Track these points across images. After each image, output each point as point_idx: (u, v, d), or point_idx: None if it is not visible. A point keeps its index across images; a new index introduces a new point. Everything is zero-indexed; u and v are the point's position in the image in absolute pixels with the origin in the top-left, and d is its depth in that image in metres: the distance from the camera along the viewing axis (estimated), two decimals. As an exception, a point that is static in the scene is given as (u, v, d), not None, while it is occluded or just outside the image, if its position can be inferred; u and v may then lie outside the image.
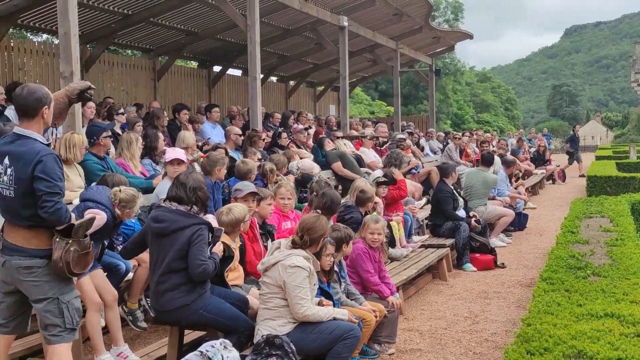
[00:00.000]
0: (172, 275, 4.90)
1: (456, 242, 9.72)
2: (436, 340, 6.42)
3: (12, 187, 4.03)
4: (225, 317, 5.02)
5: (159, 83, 16.19)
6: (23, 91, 4.10)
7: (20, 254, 4.07)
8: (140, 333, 6.43)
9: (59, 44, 8.01)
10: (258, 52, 11.38)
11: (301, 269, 4.81)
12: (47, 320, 4.13)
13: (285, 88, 22.75)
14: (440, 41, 22.30)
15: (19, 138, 4.09)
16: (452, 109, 53.89)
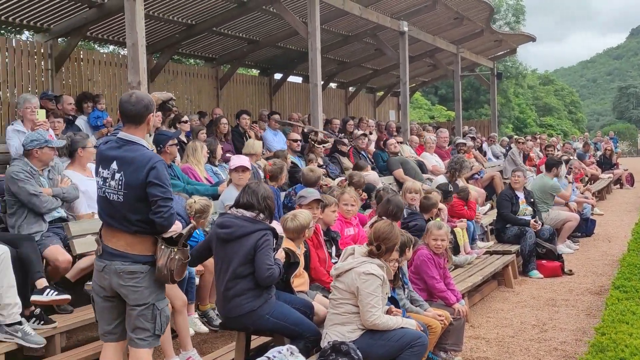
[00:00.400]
0: (239, 281, 4.93)
1: (522, 249, 9.56)
2: (503, 348, 6.32)
3: (122, 192, 4.09)
4: (291, 322, 5.04)
5: (221, 91, 16.43)
6: (130, 98, 4.17)
7: (123, 259, 4.12)
8: (207, 338, 6.53)
9: (127, 55, 8.22)
10: (319, 59, 11.44)
11: (375, 277, 4.81)
12: (139, 323, 4.19)
13: (345, 94, 22.79)
14: (502, 44, 21.97)
15: (126, 144, 4.16)
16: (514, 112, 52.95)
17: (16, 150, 7.34)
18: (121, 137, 4.21)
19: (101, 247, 4.19)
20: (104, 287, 4.22)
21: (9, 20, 11.15)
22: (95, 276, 4.27)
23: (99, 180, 4.21)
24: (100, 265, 4.19)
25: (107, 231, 4.21)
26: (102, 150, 4.25)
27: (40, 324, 5.62)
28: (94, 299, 4.32)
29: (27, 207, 6.15)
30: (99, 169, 4.21)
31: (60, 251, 6.10)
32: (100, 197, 4.23)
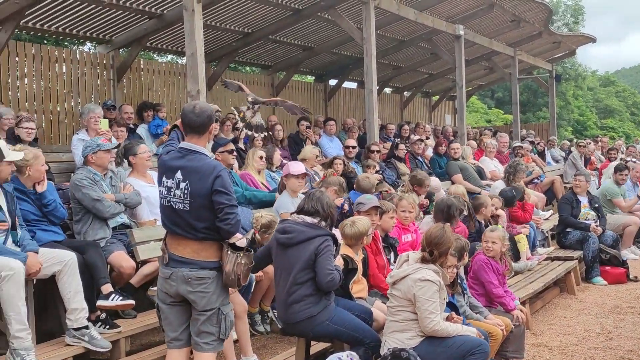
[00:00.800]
0: (298, 287, 4.96)
1: (585, 254, 9.36)
2: (567, 357, 6.20)
3: (187, 201, 4.17)
4: (350, 328, 5.04)
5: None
6: (194, 109, 4.26)
7: (191, 266, 4.19)
8: (267, 343, 6.60)
9: (186, 64, 8.37)
10: (374, 65, 11.44)
11: (432, 282, 4.78)
12: (205, 328, 4.27)
13: (400, 99, 22.69)
14: (561, 46, 21.54)
15: (189, 153, 4.25)
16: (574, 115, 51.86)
17: (80, 158, 7.56)
18: (184, 147, 4.29)
19: (167, 255, 4.26)
20: (170, 294, 4.29)
21: (72, 32, 11.49)
22: (160, 284, 4.34)
23: (162, 190, 4.28)
24: (167, 272, 4.25)
25: (173, 239, 4.28)
26: (166, 160, 4.31)
27: (105, 328, 5.78)
28: (159, 307, 4.39)
29: (92, 213, 6.32)
30: (163, 179, 4.28)
31: (124, 257, 6.25)
32: (164, 206, 4.30)
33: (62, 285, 5.50)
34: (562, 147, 19.36)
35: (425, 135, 15.22)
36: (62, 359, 5.32)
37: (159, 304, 4.39)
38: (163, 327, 4.43)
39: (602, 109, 59.36)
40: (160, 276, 4.33)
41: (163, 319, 4.39)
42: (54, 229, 6.05)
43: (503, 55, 19.34)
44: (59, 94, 11.37)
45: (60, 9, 10.46)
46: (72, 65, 11.52)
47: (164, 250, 4.30)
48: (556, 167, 16.71)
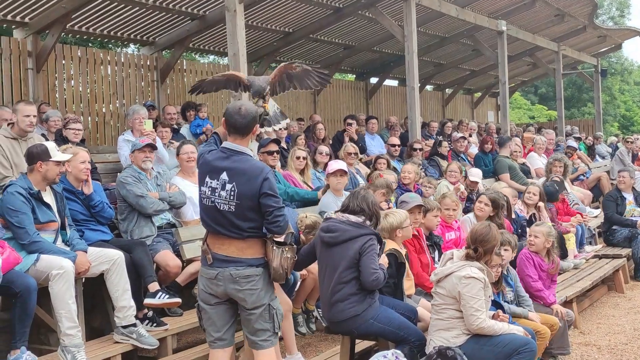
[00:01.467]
0: (343, 285, 4.96)
1: (633, 252, 9.18)
2: (616, 356, 6.09)
3: (233, 202, 4.17)
4: (395, 327, 5.02)
5: (318, 97, 16.60)
6: (240, 111, 4.26)
7: (237, 264, 4.20)
8: (311, 342, 6.61)
9: (228, 64, 8.44)
10: (416, 62, 11.37)
11: (477, 280, 4.74)
12: (259, 325, 4.28)
13: (442, 96, 22.53)
14: (606, 40, 21.14)
15: (233, 154, 4.26)
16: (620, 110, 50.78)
17: (126, 159, 7.70)
18: (227, 147, 4.29)
19: (210, 255, 4.25)
20: (215, 294, 4.28)
21: (117, 35, 11.69)
22: (203, 285, 4.31)
23: (205, 190, 4.26)
24: (212, 273, 4.24)
25: (215, 239, 4.28)
26: (210, 160, 4.30)
27: (153, 326, 5.87)
28: (201, 308, 4.37)
29: (137, 211, 6.44)
30: (206, 179, 4.26)
31: (170, 256, 6.34)
32: (207, 207, 4.28)
33: (110, 283, 5.60)
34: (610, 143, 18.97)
35: (469, 132, 15.07)
36: (111, 356, 5.42)
37: (201, 304, 4.37)
38: (204, 328, 4.41)
39: (649, 103, 58.03)
40: (203, 277, 4.31)
41: (206, 319, 4.38)
42: (102, 229, 6.17)
43: (546, 50, 19.07)
44: (105, 96, 11.59)
45: (105, 12, 10.65)
46: (116, 67, 11.72)
47: (206, 250, 4.28)
48: (602, 164, 16.39)
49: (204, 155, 4.37)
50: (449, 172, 9.38)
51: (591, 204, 12.26)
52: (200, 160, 4.40)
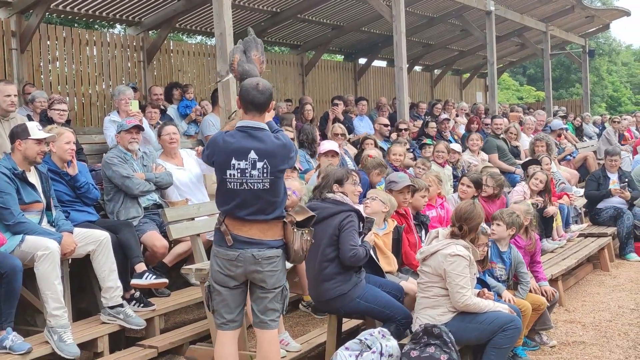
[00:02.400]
0: (327, 264, 5.01)
1: (619, 231, 9.24)
2: (600, 332, 6.15)
3: (268, 179, 4.14)
4: (381, 305, 5.07)
5: (306, 78, 16.53)
6: (258, 86, 4.19)
7: (259, 246, 4.17)
8: (300, 320, 6.64)
9: (215, 45, 8.38)
10: (404, 43, 11.34)
11: (462, 257, 4.77)
12: (272, 305, 4.29)
13: (431, 77, 22.49)
14: (594, 20, 21.11)
15: (255, 131, 4.19)
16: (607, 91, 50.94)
17: (112, 140, 7.66)
18: (247, 126, 4.20)
19: (230, 237, 4.19)
20: (233, 276, 4.23)
21: (102, 14, 11.57)
22: (220, 266, 4.23)
23: (234, 173, 4.14)
24: (232, 254, 4.18)
25: (236, 221, 4.20)
26: (231, 142, 4.17)
27: (140, 306, 5.88)
28: (214, 289, 4.29)
29: (123, 192, 6.43)
30: (232, 162, 4.14)
31: (157, 237, 6.34)
32: (235, 190, 4.16)
33: (97, 264, 5.59)
34: (595, 123, 19.06)
35: (456, 112, 15.08)
36: (97, 337, 5.43)
37: (215, 286, 4.29)
38: (215, 309, 4.34)
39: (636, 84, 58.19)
40: (221, 258, 4.23)
41: (219, 301, 4.30)
42: (88, 210, 6.15)
43: (535, 30, 19.05)
44: (90, 77, 11.49)
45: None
46: (102, 47, 11.61)
47: (226, 232, 4.20)
48: (589, 144, 16.47)
49: (223, 137, 4.23)
50: (436, 152, 9.41)
51: (578, 183, 12.32)
52: (217, 144, 4.22)
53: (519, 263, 5.96)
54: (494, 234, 5.99)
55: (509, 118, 14.44)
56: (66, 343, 5.04)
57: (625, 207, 9.47)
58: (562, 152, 13.36)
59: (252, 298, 4.34)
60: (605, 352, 5.62)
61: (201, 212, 6.15)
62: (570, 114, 19.90)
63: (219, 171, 4.23)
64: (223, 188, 4.22)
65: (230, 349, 4.33)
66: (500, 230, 5.95)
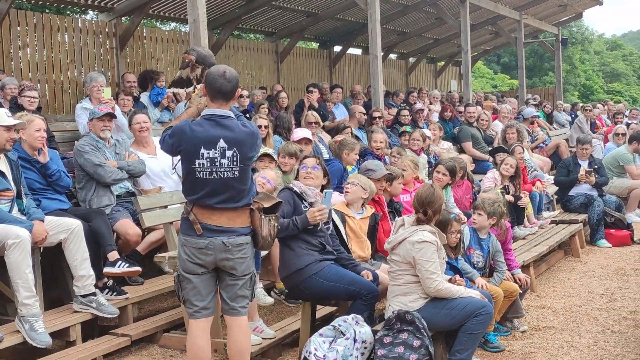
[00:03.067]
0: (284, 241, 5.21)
1: (590, 218, 9.37)
2: (570, 317, 6.24)
3: (237, 167, 4.15)
4: (345, 282, 5.11)
5: (281, 65, 16.47)
6: (225, 74, 4.17)
7: (229, 234, 4.18)
8: (274, 308, 6.65)
9: (189, 32, 8.31)
10: (378, 30, 11.35)
11: (429, 243, 4.81)
12: (242, 292, 4.32)
13: (406, 65, 22.53)
14: (567, 9, 21.29)
15: (222, 119, 4.17)
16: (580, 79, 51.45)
17: (84, 127, 7.58)
18: (214, 114, 4.18)
19: (199, 226, 4.17)
20: (203, 264, 4.22)
21: (74, 0, 11.42)
22: (189, 255, 4.21)
23: (203, 162, 4.11)
24: (202, 242, 4.16)
25: (205, 209, 4.19)
26: (198, 131, 4.13)
27: (113, 295, 5.85)
28: (184, 278, 4.27)
29: (95, 180, 6.37)
30: (201, 151, 4.11)
31: (130, 225, 6.30)
32: (205, 179, 4.14)
33: (69, 253, 5.55)
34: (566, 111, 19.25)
35: (430, 100, 15.13)
36: (70, 325, 5.39)
37: (185, 275, 4.26)
38: (186, 298, 4.31)
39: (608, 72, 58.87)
40: (191, 247, 4.20)
41: (190, 289, 4.27)
42: (60, 198, 6.09)
43: (509, 19, 19.16)
44: (62, 63, 11.33)
45: (61, -23, 10.39)
46: (74, 34, 11.45)
47: (195, 221, 4.17)
48: (562, 131, 16.63)
49: (190, 127, 4.16)
50: (412, 140, 9.45)
51: (550, 171, 12.46)
52: (184, 134, 4.16)
53: (496, 252, 6.06)
54: (475, 223, 6.09)
55: (483, 106, 14.53)
56: (38, 332, 5.01)
57: (596, 194, 9.59)
58: (535, 140, 13.49)
59: (222, 286, 4.35)
60: (575, 337, 5.71)
61: (174, 200, 6.13)
62: (543, 102, 20.07)
63: (187, 161, 4.18)
64: (191, 177, 4.18)
65: (204, 337, 4.32)
66: (481, 220, 6.05)
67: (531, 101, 18.29)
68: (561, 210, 10.04)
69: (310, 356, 4.67)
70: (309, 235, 5.21)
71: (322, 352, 4.68)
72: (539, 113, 16.19)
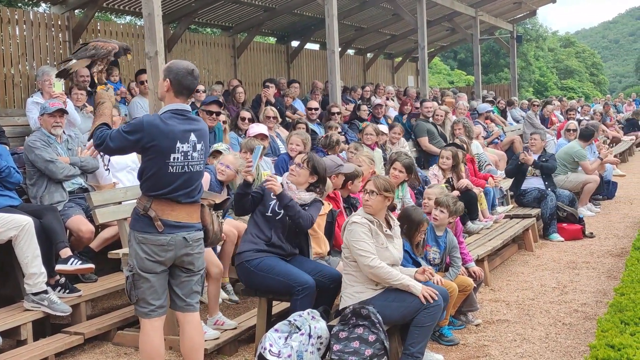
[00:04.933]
0: None
1: (542, 212, 9.52)
2: (523, 311, 6.35)
3: (202, 161, 4.27)
4: (276, 274, 5.09)
5: (238, 60, 16.37)
6: (194, 72, 4.21)
7: (188, 229, 4.20)
8: (230, 305, 6.62)
9: (144, 25, 8.20)
10: (336, 26, 11.36)
11: (358, 224, 4.87)
12: (196, 287, 4.36)
13: (363, 60, 22.62)
14: (522, 6, 21.66)
15: (187, 114, 4.24)
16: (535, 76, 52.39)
17: (35, 122, 7.44)
18: (182, 109, 4.21)
19: (160, 222, 4.12)
20: (162, 262, 4.17)
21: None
22: (149, 253, 4.13)
23: (177, 157, 4.09)
24: (163, 239, 4.12)
25: (164, 205, 4.14)
26: (172, 125, 4.10)
27: (65, 292, 5.76)
28: (141, 277, 4.17)
29: (46, 176, 6.26)
30: (177, 145, 4.09)
31: (83, 221, 6.20)
32: (174, 174, 4.11)
33: (19, 250, 5.44)
34: (522, 107, 19.59)
35: (387, 96, 15.23)
36: (21, 324, 5.30)
37: (143, 274, 4.16)
38: (140, 297, 4.20)
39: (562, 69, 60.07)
40: (151, 244, 4.12)
41: (147, 288, 4.18)
42: (10, 194, 5.97)
43: (465, 15, 19.39)
44: (13, 57, 11.07)
45: (12, -32, 10.15)
46: (25, 26, 11.20)
47: (155, 217, 4.11)
48: (516, 127, 16.91)
49: (158, 122, 4.09)
50: (365, 134, 9.48)
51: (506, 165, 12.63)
52: (157, 128, 4.06)
53: (453, 247, 6.11)
54: (436, 220, 6.13)
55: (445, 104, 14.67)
56: (-13, 331, 4.90)
57: (549, 189, 9.75)
58: (491, 136, 13.68)
59: (176, 283, 4.31)
60: (528, 330, 5.81)
61: (128, 196, 6.04)
62: (498, 97, 20.36)
63: (160, 156, 4.08)
64: (162, 172, 4.10)
65: (158, 336, 4.28)
66: (442, 217, 6.12)
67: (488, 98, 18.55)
68: (515, 204, 10.19)
69: (265, 352, 4.65)
70: (264, 221, 5.23)
71: (277, 348, 4.67)
72: (493, 108, 16.42)
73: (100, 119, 4.30)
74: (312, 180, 5.38)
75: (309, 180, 5.38)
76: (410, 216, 5.66)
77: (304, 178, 5.38)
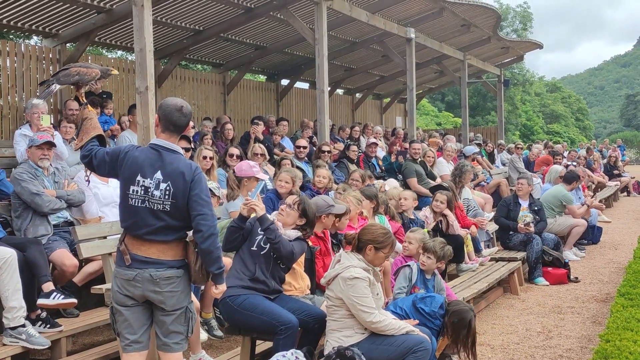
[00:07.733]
0: None
1: (528, 256, 9.54)
2: (508, 355, 6.31)
3: (169, 202, 4.03)
4: (259, 312, 4.99)
5: (228, 97, 16.48)
6: (183, 109, 4.13)
7: (158, 266, 4.06)
8: (213, 343, 6.55)
9: (135, 60, 8.25)
10: (326, 66, 11.48)
11: (360, 279, 4.82)
12: (174, 328, 4.17)
13: (352, 100, 22.82)
14: (509, 51, 21.99)
15: (166, 152, 4.12)
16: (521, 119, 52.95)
17: (21, 154, 7.41)
18: (160, 145, 4.13)
19: (129, 256, 4.09)
20: (132, 296, 4.11)
21: (17, 25, 11.23)
22: (119, 286, 4.12)
23: (137, 190, 4.05)
24: (130, 274, 4.07)
25: (135, 239, 4.10)
26: (140, 157, 4.10)
27: (46, 327, 5.66)
28: (116, 310, 4.17)
29: (32, 209, 6.21)
30: (138, 178, 4.06)
31: (67, 255, 6.14)
32: (136, 207, 4.07)
33: (1, 283, 5.35)
34: (509, 151, 19.75)
35: (374, 136, 15.33)
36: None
37: (116, 307, 4.17)
38: (119, 331, 4.21)
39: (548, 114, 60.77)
40: (120, 278, 4.11)
41: (121, 322, 4.17)
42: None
43: (453, 59, 19.65)
44: (3, 88, 11.08)
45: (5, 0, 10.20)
46: (16, 58, 11.24)
47: (124, 251, 4.09)
48: (503, 170, 17.01)
49: (132, 152, 4.13)
50: (351, 180, 9.26)
51: (493, 208, 12.67)
52: (127, 157, 4.11)
53: (441, 290, 6.16)
54: (424, 265, 6.18)
55: (428, 143, 14.77)
56: (-36, 367, 4.80)
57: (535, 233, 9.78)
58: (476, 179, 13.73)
59: (155, 320, 4.23)
60: (512, 374, 5.77)
61: (113, 231, 6.00)
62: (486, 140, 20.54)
63: (123, 186, 4.13)
64: (125, 203, 4.12)
65: None
66: (430, 263, 6.18)
67: (476, 140, 18.70)
68: (500, 247, 10.20)
69: (248, 392, 4.58)
70: (249, 256, 5.17)
71: (261, 389, 4.61)
72: (481, 151, 16.54)
73: (94, 131, 4.33)
74: (300, 223, 5.34)
75: (297, 222, 5.34)
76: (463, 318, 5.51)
77: (292, 219, 5.35)
